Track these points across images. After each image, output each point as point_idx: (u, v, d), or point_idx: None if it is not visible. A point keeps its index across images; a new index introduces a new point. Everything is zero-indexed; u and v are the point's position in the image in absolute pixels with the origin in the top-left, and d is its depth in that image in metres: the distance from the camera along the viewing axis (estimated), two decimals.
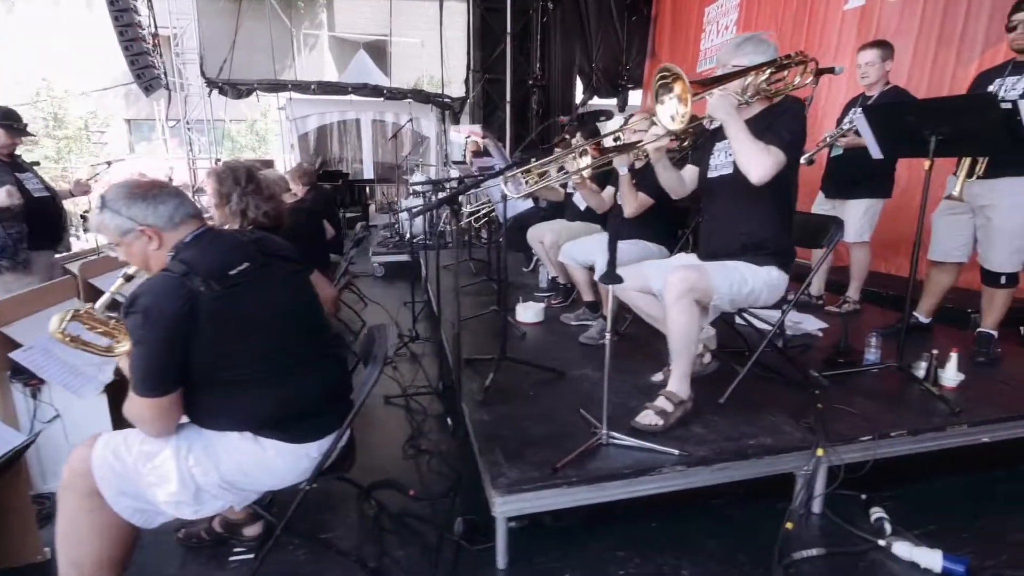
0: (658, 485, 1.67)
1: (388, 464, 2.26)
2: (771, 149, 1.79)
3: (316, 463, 1.40)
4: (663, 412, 1.87)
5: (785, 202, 1.98)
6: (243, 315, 1.26)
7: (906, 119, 2.08)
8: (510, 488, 1.56)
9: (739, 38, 1.96)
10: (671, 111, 1.80)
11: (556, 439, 1.83)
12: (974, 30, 4.10)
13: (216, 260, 1.26)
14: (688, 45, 8.68)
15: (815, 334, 2.87)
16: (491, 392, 2.19)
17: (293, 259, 1.45)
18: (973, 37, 4.12)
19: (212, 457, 1.30)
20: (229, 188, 2.09)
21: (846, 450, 1.80)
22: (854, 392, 2.16)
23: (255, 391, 1.31)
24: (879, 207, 3.09)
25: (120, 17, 8.09)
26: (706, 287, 1.85)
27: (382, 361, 1.49)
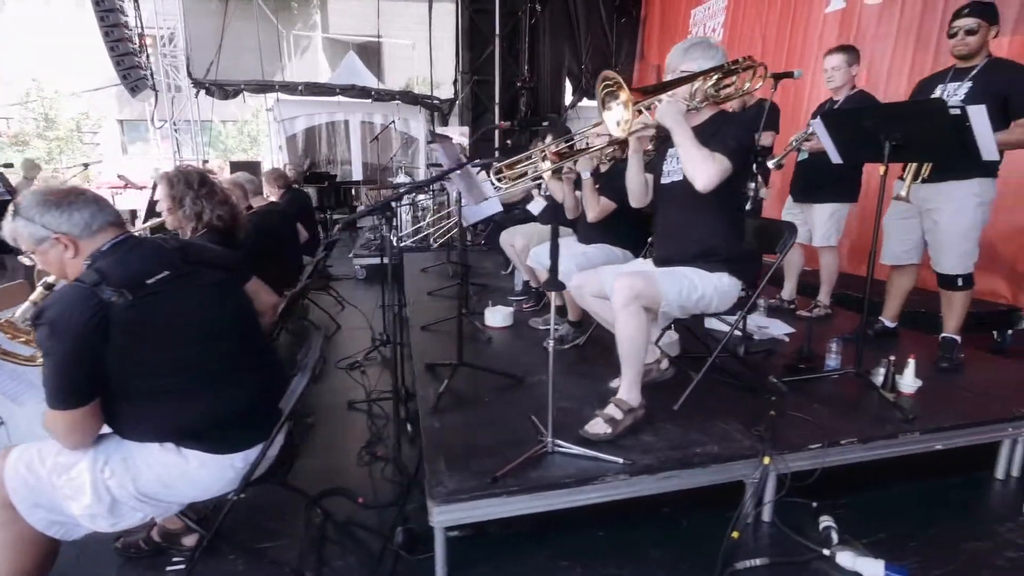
0: (600, 494, 1.65)
1: (342, 471, 2.24)
2: (716, 156, 1.77)
3: (243, 473, 1.38)
4: (612, 420, 1.86)
5: (735, 208, 1.96)
6: (161, 325, 1.24)
7: (861, 124, 2.07)
8: (447, 498, 1.54)
9: (686, 43, 1.95)
10: (617, 117, 1.79)
11: (503, 447, 1.80)
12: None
13: (133, 269, 1.24)
14: None
15: (781, 339, 2.85)
16: (445, 398, 2.17)
17: (222, 266, 1.43)
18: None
19: (130, 469, 1.28)
20: (181, 192, 2.07)
21: (794, 458, 1.78)
22: (811, 398, 2.15)
23: (176, 401, 1.29)
24: (845, 211, 3.08)
25: (106, 18, 8.07)
26: (653, 294, 1.83)
27: (310, 370, 1.46)
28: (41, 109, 14.33)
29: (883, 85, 4.71)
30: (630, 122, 1.77)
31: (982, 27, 2.28)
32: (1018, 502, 1.93)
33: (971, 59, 2.34)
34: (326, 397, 2.99)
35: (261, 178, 4.23)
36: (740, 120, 1.87)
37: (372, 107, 9.53)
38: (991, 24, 2.29)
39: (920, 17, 4.55)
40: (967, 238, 2.39)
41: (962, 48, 2.31)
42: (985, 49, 2.33)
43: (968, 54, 2.33)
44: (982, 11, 2.30)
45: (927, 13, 4.48)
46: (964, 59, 2.36)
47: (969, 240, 2.39)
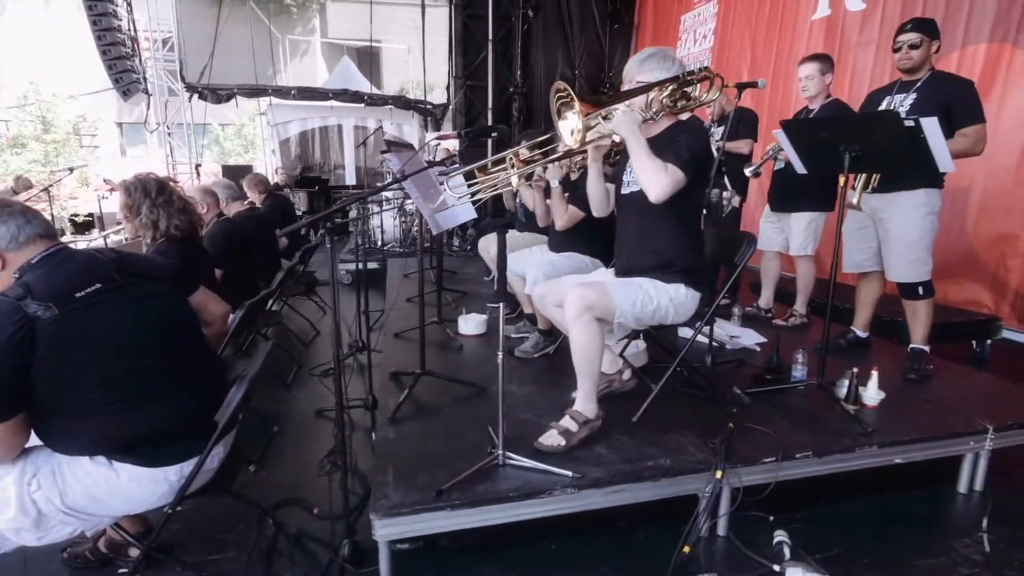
0: (547, 508, 1.64)
1: (304, 480, 2.23)
2: (668, 167, 1.77)
3: (178, 486, 1.37)
4: (567, 432, 1.84)
5: (692, 220, 1.95)
6: (91, 339, 1.23)
7: (820, 135, 2.06)
8: (390, 511, 1.53)
9: (643, 54, 1.94)
10: (571, 126, 1.79)
11: (455, 458, 1.79)
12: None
13: (61, 281, 1.23)
14: None
15: (752, 348, 2.84)
16: (404, 408, 2.16)
17: (161, 278, 1.42)
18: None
19: (58, 483, 1.27)
20: (138, 200, 2.07)
21: (748, 472, 1.77)
22: (774, 411, 2.13)
23: (107, 415, 1.28)
24: (822, 220, 3.07)
25: (99, 21, 8.10)
26: (607, 305, 1.82)
27: (247, 382, 1.45)
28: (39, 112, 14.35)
29: (866, 91, 4.72)
30: (583, 132, 1.76)
31: (924, 41, 2.35)
32: (979, 517, 1.91)
33: (915, 72, 2.41)
34: (297, 405, 2.98)
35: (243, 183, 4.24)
36: (694, 130, 1.86)
37: (366, 112, 9.55)
38: (932, 39, 2.36)
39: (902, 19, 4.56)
40: (917, 246, 2.41)
41: (906, 62, 2.38)
42: (928, 63, 2.40)
43: (912, 67, 2.40)
44: (923, 26, 2.38)
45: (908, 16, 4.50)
46: (909, 72, 2.42)
47: (919, 248, 2.41)
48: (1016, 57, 3.67)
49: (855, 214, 2.58)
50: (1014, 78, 3.67)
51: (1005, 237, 3.75)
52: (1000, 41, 3.74)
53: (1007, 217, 3.72)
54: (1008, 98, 3.71)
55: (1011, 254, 3.72)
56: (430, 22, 10.01)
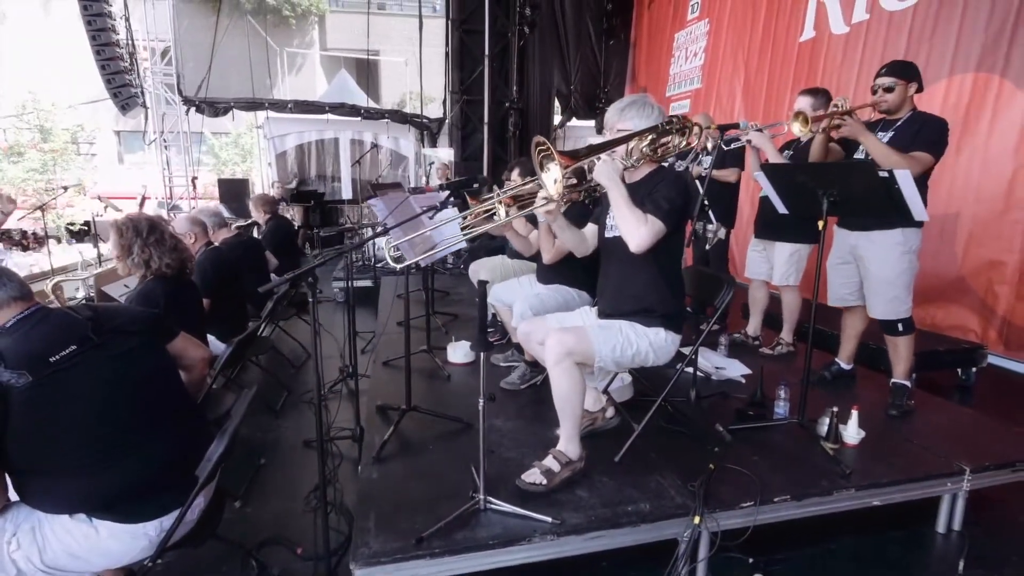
0: (527, 555, 1.65)
1: (288, 517, 2.24)
2: (649, 219, 1.80)
3: (158, 540, 1.39)
4: (549, 472, 1.86)
5: (671, 265, 1.98)
6: (66, 401, 1.24)
7: (800, 179, 2.10)
8: (369, 560, 1.54)
9: (623, 102, 1.98)
10: (555, 176, 1.82)
11: (436, 502, 1.80)
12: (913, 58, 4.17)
13: (34, 347, 1.24)
14: (660, 69, 8.83)
15: (738, 380, 2.86)
16: (389, 445, 2.18)
17: (138, 331, 1.43)
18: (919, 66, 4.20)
19: (38, 542, 1.28)
20: (130, 240, 2.10)
21: (726, 516, 1.78)
22: (754, 449, 2.15)
23: (85, 473, 1.29)
24: (805, 252, 3.10)
25: (97, 36, 8.15)
26: (585, 349, 1.85)
27: (228, 437, 1.47)
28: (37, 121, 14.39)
29: None
30: (562, 182, 1.80)
31: (899, 85, 2.41)
32: (956, 558, 1.93)
33: (895, 113, 2.47)
34: (285, 434, 2.99)
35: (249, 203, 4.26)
36: (671, 180, 1.90)
37: (362, 125, 9.60)
38: (909, 81, 2.41)
39: (883, 47, 4.63)
40: (895, 285, 2.45)
41: (882, 103, 2.44)
42: (908, 104, 2.45)
43: (888, 109, 2.46)
44: (899, 70, 2.43)
45: (890, 43, 4.57)
46: (887, 113, 2.48)
47: (897, 287, 2.45)
48: (1004, 87, 3.73)
49: (837, 249, 2.62)
50: (1002, 108, 3.73)
51: (993, 264, 3.79)
52: (988, 71, 3.80)
53: (995, 244, 3.77)
54: (996, 126, 3.76)
55: (998, 280, 3.76)
56: (428, 35, 10.10)
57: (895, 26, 4.51)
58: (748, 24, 6.78)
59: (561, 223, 2.11)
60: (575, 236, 2.15)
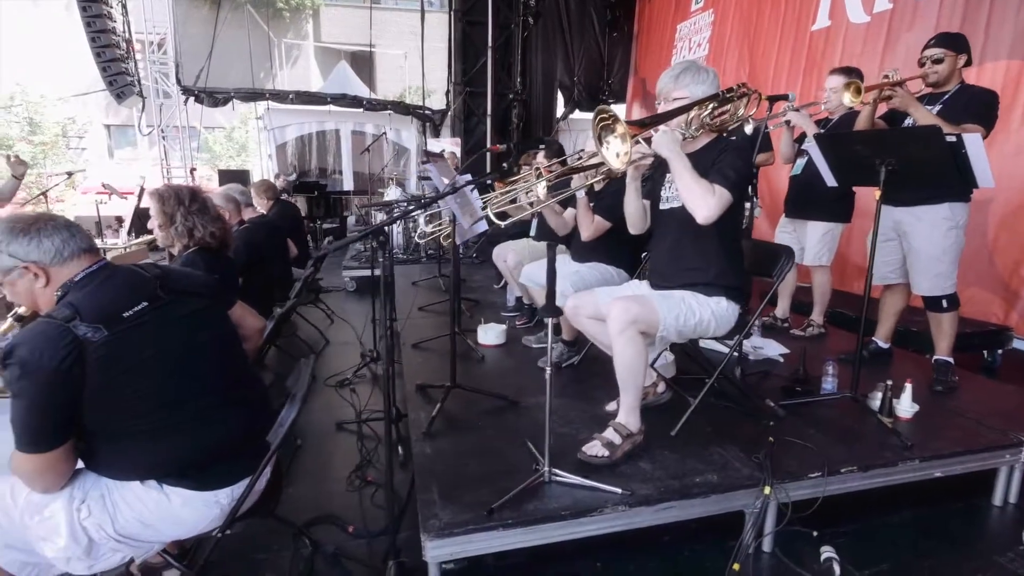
0: (598, 526, 1.61)
1: (332, 496, 2.17)
2: (716, 189, 1.76)
3: (229, 509, 1.32)
4: (611, 444, 1.82)
5: (733, 235, 1.95)
6: (139, 360, 1.18)
7: (856, 148, 2.07)
8: (441, 532, 1.49)
9: (676, 68, 1.93)
10: (616, 150, 1.76)
11: (497, 475, 1.76)
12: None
13: (108, 301, 1.17)
14: (661, 61, 8.81)
15: (776, 360, 2.84)
16: (437, 422, 2.12)
17: (204, 294, 1.37)
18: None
19: (109, 509, 1.21)
20: (172, 208, 2.02)
21: (795, 487, 1.75)
22: (809, 423, 2.12)
23: (157, 439, 1.22)
24: (838, 231, 3.08)
25: (93, 23, 7.96)
26: (651, 318, 1.80)
27: (299, 402, 1.41)
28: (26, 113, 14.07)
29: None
30: (629, 154, 1.74)
31: (948, 56, 2.38)
32: (1017, 530, 1.92)
33: (943, 85, 2.44)
34: (315, 417, 2.91)
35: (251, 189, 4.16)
36: (737, 148, 1.86)
37: (363, 117, 9.49)
38: (958, 53, 2.39)
39: (908, 35, 4.62)
40: (940, 261, 2.43)
41: (932, 76, 2.41)
42: (957, 76, 2.42)
43: (937, 81, 2.43)
44: (948, 41, 2.40)
45: (916, 32, 4.55)
46: (935, 86, 2.45)
47: (943, 263, 2.43)
48: None
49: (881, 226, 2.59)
50: None
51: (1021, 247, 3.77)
52: (1021, 59, 3.78)
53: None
54: None
55: None
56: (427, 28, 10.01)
57: (921, 14, 4.49)
58: (755, 13, 6.76)
59: (637, 187, 2.04)
60: (641, 208, 2.10)
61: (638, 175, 2.04)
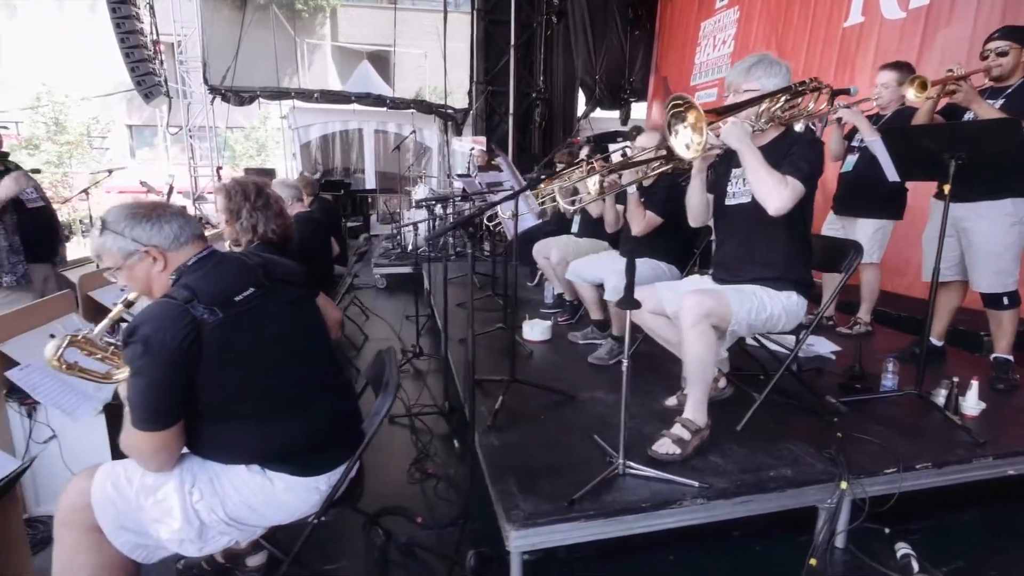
0: (677, 519, 1.61)
1: (394, 488, 2.20)
2: (789, 180, 1.75)
3: (326, 496, 1.34)
4: (681, 440, 1.82)
5: (802, 229, 1.94)
6: (248, 344, 1.20)
7: (924, 142, 2.05)
8: (525, 522, 1.50)
9: (748, 61, 1.92)
10: (685, 140, 1.76)
11: (569, 468, 1.77)
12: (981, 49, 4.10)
13: (221, 285, 1.20)
14: (684, 59, 8.76)
15: (828, 357, 2.82)
16: (500, 416, 2.13)
17: (299, 283, 1.40)
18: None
19: (218, 492, 1.24)
20: (239, 204, 2.05)
21: (870, 483, 1.74)
22: (872, 420, 2.11)
23: (263, 423, 1.25)
24: (889, 228, 3.05)
25: (122, 24, 8.09)
26: (723, 312, 1.80)
27: (394, 389, 1.43)
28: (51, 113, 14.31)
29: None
30: (702, 144, 1.74)
31: (1013, 49, 2.34)
32: None
33: (1007, 79, 2.39)
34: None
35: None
36: (809, 141, 1.85)
37: (386, 116, 9.55)
38: (1023, 46, 2.33)
39: (946, 31, 4.55)
40: (1001, 257, 2.39)
41: (996, 69, 2.37)
42: (1021, 69, 2.38)
43: (1000, 75, 2.38)
44: (1012, 34, 2.36)
45: (954, 26, 4.49)
46: (998, 79, 2.41)
47: (1003, 259, 2.39)
48: None
49: (935, 222, 2.56)
50: None
51: None
52: None
53: None
54: None
55: None
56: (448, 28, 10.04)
57: (959, 10, 4.43)
58: (783, 10, 6.70)
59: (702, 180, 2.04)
60: (705, 201, 2.09)
61: (704, 167, 2.04)
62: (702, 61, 8.37)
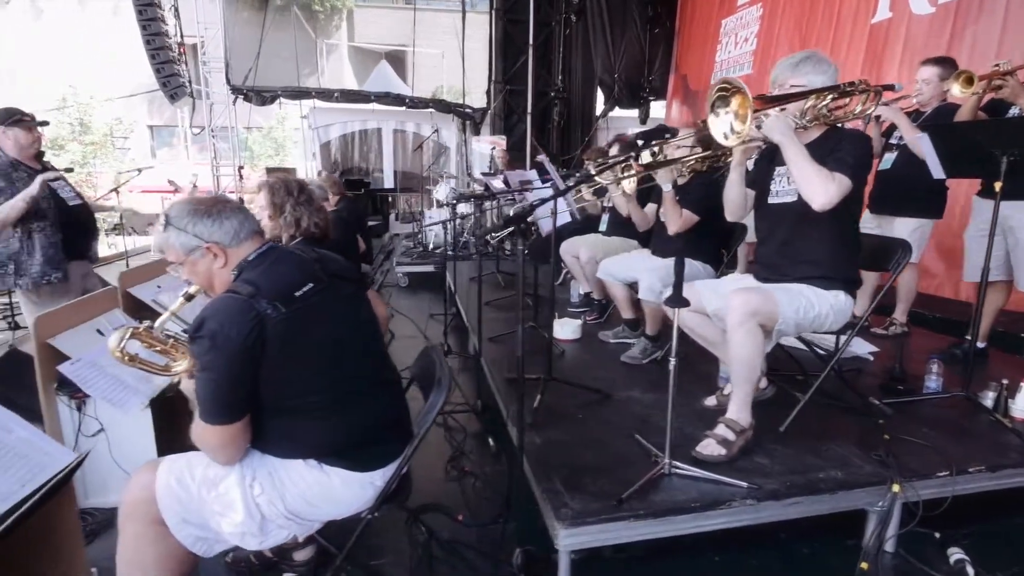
0: (727, 520, 1.59)
1: (432, 486, 2.20)
2: (835, 176, 1.72)
3: (379, 491, 1.35)
4: (726, 441, 1.80)
5: (851, 227, 1.91)
6: (308, 339, 1.21)
7: (975, 139, 2.01)
8: (575, 521, 1.49)
9: (796, 57, 1.89)
10: (725, 127, 1.74)
11: (613, 467, 1.76)
12: (1011, 45, 4.00)
13: (282, 280, 1.21)
14: (704, 57, 8.68)
15: (866, 358, 2.77)
16: (539, 414, 2.13)
17: (353, 278, 1.40)
18: (1010, 52, 4.02)
19: (277, 486, 1.25)
20: (282, 199, 2.08)
21: (922, 486, 1.71)
22: (918, 422, 2.07)
23: (322, 418, 1.26)
24: (929, 228, 2.99)
25: (148, 26, 8.22)
26: (771, 311, 1.78)
27: (447, 388, 1.43)
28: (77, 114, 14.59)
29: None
30: (743, 132, 1.71)
31: None
32: None
33: None
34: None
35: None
36: (857, 137, 1.82)
37: (404, 115, 9.60)
38: None
39: (976, 27, 4.46)
40: None
41: None
42: None
43: None
44: None
45: (983, 22, 4.40)
46: None
47: None
48: None
49: (979, 220, 2.52)
50: None
51: None
52: None
53: None
54: None
55: None
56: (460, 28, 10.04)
57: (988, 5, 4.34)
58: (807, 6, 6.61)
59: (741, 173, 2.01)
60: (744, 195, 2.07)
61: (744, 159, 2.01)
62: (723, 59, 8.29)
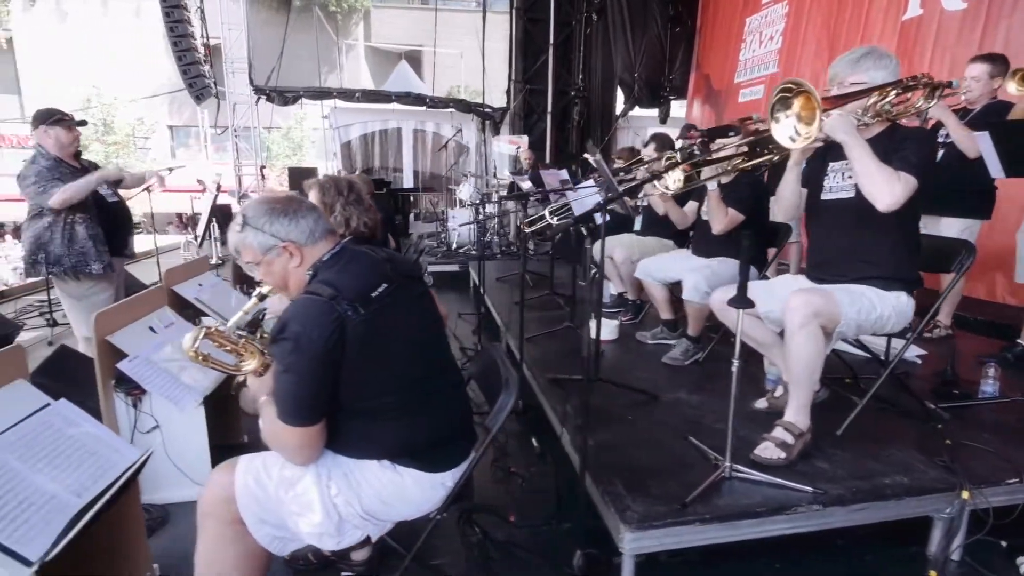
0: (793, 525, 1.57)
1: (479, 487, 2.18)
2: (901, 175, 1.68)
3: (449, 492, 1.34)
4: (784, 444, 1.77)
5: (911, 226, 1.87)
6: (385, 341, 1.21)
7: None
8: (641, 524, 1.48)
9: (855, 53, 1.86)
10: (789, 131, 1.70)
11: (671, 470, 1.74)
12: None
13: (358, 281, 1.21)
14: (727, 56, 8.59)
15: (914, 361, 2.72)
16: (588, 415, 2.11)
17: (420, 278, 1.40)
18: None
19: (353, 486, 1.25)
20: (332, 199, 2.08)
21: (991, 493, 1.67)
22: (978, 427, 2.02)
23: (396, 418, 1.25)
24: (977, 228, 2.92)
25: (175, 28, 8.33)
26: (832, 312, 1.75)
27: (516, 387, 1.42)
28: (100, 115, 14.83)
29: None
30: (811, 135, 1.67)
31: None
32: None
33: None
34: None
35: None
36: (921, 137, 1.78)
37: (424, 115, 9.61)
38: None
39: (1009, 21, 4.36)
40: None
41: None
42: None
43: None
44: None
45: (1017, 16, 4.30)
46: None
47: None
48: None
49: None
50: None
51: None
52: None
53: None
54: None
55: None
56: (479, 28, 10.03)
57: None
58: (836, 3, 6.52)
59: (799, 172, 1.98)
60: (799, 194, 2.03)
61: (802, 159, 1.98)
62: (747, 58, 8.20)
